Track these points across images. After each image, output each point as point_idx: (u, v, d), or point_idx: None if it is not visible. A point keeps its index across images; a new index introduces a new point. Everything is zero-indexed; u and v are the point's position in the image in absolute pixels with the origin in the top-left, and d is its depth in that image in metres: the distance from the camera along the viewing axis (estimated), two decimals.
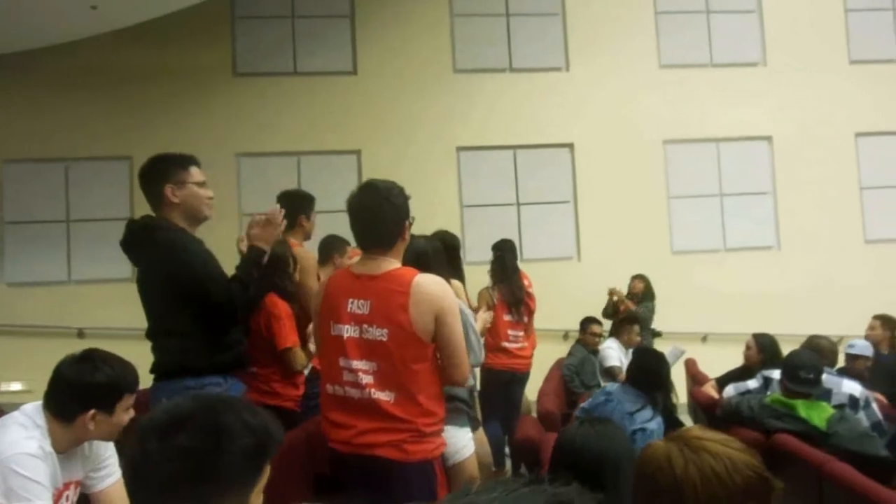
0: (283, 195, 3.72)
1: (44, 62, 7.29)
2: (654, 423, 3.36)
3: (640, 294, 6.91)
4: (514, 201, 8.08)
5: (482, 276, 5.03)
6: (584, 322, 5.95)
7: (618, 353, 5.66)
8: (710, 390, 4.46)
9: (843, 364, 4.87)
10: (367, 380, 2.23)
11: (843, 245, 8.33)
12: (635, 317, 6.27)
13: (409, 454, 2.21)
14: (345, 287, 2.33)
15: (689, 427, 1.56)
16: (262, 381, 3.22)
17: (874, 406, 3.69)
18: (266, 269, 2.89)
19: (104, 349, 2.05)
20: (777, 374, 3.66)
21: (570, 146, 8.18)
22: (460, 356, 2.31)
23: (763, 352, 4.39)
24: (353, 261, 2.53)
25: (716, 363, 5.14)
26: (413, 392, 2.22)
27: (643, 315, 6.57)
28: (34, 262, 7.34)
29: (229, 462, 1.12)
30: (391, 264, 2.32)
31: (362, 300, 2.26)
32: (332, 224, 4.12)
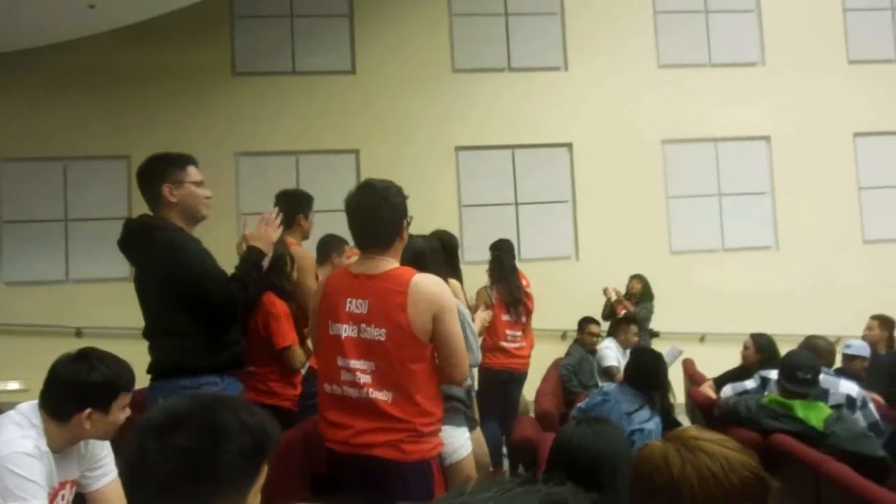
0: (281, 194, 3.72)
1: (42, 61, 7.28)
2: (652, 424, 3.36)
3: (638, 294, 6.91)
4: (513, 201, 8.07)
5: (480, 275, 5.04)
6: (582, 322, 5.95)
7: (615, 353, 5.66)
8: (708, 390, 4.46)
9: (841, 364, 4.88)
10: (364, 379, 2.23)
11: (842, 245, 8.33)
12: (633, 317, 6.27)
13: (406, 454, 2.21)
14: (343, 286, 2.32)
15: (686, 427, 1.57)
16: (259, 380, 3.22)
17: (871, 406, 3.69)
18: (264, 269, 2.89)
19: (101, 348, 2.04)
20: (774, 375, 3.67)
21: (568, 146, 8.17)
22: (459, 356, 2.30)
23: (761, 352, 4.40)
24: (352, 260, 2.53)
25: (714, 363, 5.15)
26: (411, 392, 2.22)
27: (642, 316, 6.57)
28: (32, 261, 7.32)
29: (226, 462, 1.12)
30: (389, 264, 2.32)
31: (360, 300, 2.26)
32: (331, 223, 4.11)
